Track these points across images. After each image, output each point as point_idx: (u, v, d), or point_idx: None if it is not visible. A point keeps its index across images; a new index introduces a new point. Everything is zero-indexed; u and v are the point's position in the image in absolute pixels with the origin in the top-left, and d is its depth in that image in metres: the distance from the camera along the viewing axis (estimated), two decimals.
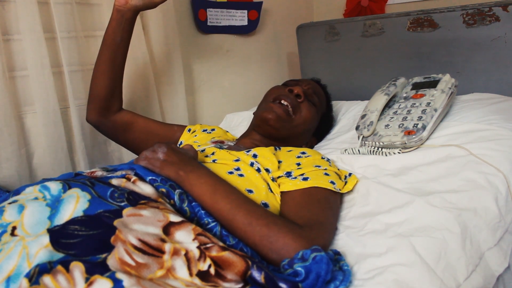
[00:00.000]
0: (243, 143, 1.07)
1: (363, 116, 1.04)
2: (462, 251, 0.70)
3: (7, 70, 1.06)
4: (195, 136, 1.15)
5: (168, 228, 0.59)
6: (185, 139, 1.15)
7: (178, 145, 1.07)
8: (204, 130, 1.17)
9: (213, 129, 1.19)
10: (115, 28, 1.04)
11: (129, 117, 1.15)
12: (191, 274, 0.54)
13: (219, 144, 1.04)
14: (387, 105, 1.07)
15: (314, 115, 1.11)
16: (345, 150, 1.03)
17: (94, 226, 0.56)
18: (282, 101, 1.05)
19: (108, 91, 1.09)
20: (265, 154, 0.91)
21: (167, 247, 0.56)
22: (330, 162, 0.94)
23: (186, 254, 0.56)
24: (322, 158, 0.94)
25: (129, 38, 1.07)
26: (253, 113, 1.15)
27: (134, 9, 1.03)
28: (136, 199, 0.64)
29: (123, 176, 0.71)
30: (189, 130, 1.18)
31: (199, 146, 1.03)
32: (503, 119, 0.97)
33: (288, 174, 0.86)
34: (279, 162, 0.91)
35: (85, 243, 0.54)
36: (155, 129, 1.16)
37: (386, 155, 0.96)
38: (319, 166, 0.88)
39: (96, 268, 0.50)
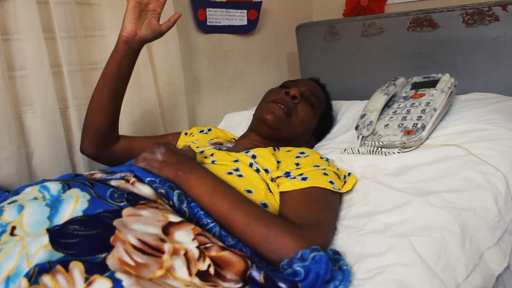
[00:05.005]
0: (242, 144, 1.07)
1: (362, 116, 1.04)
2: (462, 250, 0.70)
3: (7, 70, 1.06)
4: (193, 136, 1.15)
5: (167, 228, 0.59)
6: (183, 142, 1.15)
7: None
8: (200, 131, 1.18)
9: (209, 129, 1.19)
10: (121, 60, 0.98)
11: (126, 144, 1.11)
12: (190, 274, 0.54)
13: (218, 145, 1.04)
14: (387, 105, 1.07)
15: (311, 115, 1.11)
16: (345, 149, 1.03)
17: (93, 226, 0.56)
18: (279, 104, 1.04)
19: (109, 124, 1.04)
20: (264, 155, 0.91)
21: (167, 247, 0.56)
22: (329, 162, 0.94)
23: (185, 254, 0.56)
24: (321, 158, 0.94)
25: (133, 68, 1.03)
26: (253, 115, 1.15)
27: (143, 41, 0.99)
28: (135, 200, 0.64)
29: (122, 178, 0.71)
30: (186, 134, 1.18)
31: (197, 147, 1.03)
32: (503, 119, 0.97)
33: (287, 174, 0.86)
34: (278, 162, 0.91)
35: (84, 243, 0.54)
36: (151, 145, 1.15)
37: (385, 155, 0.96)
38: (318, 166, 0.88)
39: (96, 268, 0.50)
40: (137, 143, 1.13)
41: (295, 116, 1.06)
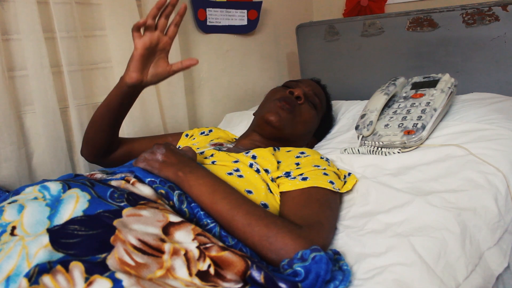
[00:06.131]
0: (242, 144, 1.07)
1: (362, 116, 1.04)
2: (462, 250, 0.70)
3: (7, 70, 1.06)
4: (194, 139, 1.15)
5: (167, 228, 0.59)
6: (183, 144, 1.15)
7: None
8: (202, 133, 1.17)
9: (210, 130, 1.19)
10: (124, 98, 0.96)
11: (125, 149, 1.12)
12: (190, 274, 0.54)
13: (218, 146, 1.04)
14: (387, 105, 1.07)
15: (314, 116, 1.11)
16: (345, 149, 1.03)
17: (93, 226, 0.56)
18: (283, 103, 1.04)
19: (109, 140, 1.05)
20: (264, 155, 0.91)
21: (167, 247, 0.56)
22: (329, 162, 0.93)
23: (185, 254, 0.56)
24: (321, 158, 0.94)
25: (135, 99, 1.00)
26: (253, 114, 1.15)
27: (149, 85, 0.96)
28: (135, 200, 0.64)
29: (122, 178, 0.71)
30: (187, 136, 1.18)
31: (198, 148, 1.02)
32: (503, 119, 0.97)
33: (287, 174, 0.86)
34: (278, 162, 0.91)
35: (84, 243, 0.54)
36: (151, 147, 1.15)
37: (385, 155, 0.96)
38: (318, 166, 0.88)
39: (96, 268, 0.50)
40: (136, 146, 1.13)
41: (299, 117, 1.06)
